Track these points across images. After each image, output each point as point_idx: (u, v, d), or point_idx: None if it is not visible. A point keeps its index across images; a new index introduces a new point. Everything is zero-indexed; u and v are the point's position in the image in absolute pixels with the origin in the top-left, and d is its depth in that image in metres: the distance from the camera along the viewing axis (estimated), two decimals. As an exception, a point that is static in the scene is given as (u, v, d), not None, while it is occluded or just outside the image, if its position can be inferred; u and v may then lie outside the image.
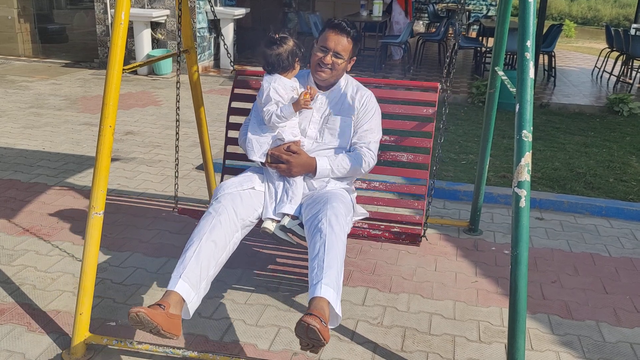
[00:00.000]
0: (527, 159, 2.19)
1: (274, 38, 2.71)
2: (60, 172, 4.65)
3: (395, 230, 2.96)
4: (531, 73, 2.21)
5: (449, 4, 15.16)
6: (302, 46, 2.77)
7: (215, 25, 9.42)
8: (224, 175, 3.33)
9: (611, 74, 9.73)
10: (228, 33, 9.31)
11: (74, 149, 5.26)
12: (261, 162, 2.79)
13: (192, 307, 2.28)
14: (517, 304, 2.22)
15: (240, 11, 9.42)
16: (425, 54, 10.67)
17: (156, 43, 9.02)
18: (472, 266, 3.42)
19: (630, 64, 9.75)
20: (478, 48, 10.09)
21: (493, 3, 15.72)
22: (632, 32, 10.93)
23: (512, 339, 2.26)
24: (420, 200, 3.16)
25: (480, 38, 11.40)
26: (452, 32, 11.88)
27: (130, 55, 8.81)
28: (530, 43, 2.21)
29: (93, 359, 2.47)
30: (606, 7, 25.81)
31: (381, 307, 2.95)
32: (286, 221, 2.67)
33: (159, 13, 8.72)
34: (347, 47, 2.75)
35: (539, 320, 2.90)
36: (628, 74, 9.76)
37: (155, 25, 8.93)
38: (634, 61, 9.66)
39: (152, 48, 8.90)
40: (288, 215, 2.68)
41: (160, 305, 2.15)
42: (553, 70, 9.28)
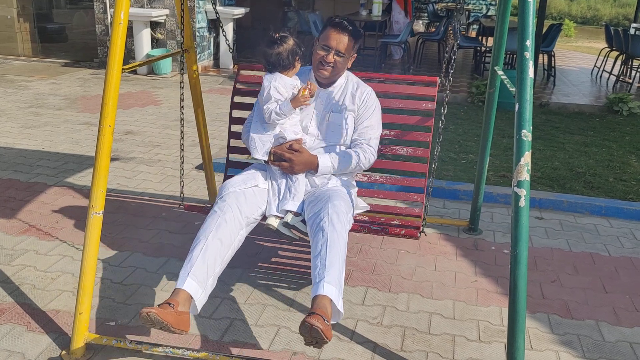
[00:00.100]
0: (527, 159, 2.19)
1: (274, 37, 2.73)
2: (59, 172, 4.64)
3: (395, 223, 2.98)
4: (531, 72, 2.21)
5: (449, 4, 15.16)
6: (302, 45, 2.79)
7: (215, 24, 9.42)
8: (228, 168, 3.36)
9: (611, 74, 9.73)
10: (228, 32, 9.31)
11: (74, 149, 5.26)
12: (264, 160, 2.83)
13: (200, 303, 2.38)
14: (517, 304, 2.22)
15: (239, 10, 9.42)
16: (424, 54, 10.67)
17: (156, 43, 9.01)
18: (472, 266, 3.42)
19: (629, 64, 9.75)
20: (478, 47, 10.09)
21: (493, 2, 15.73)
22: (632, 32, 10.94)
23: (512, 339, 2.26)
24: (419, 193, 3.16)
25: (480, 37, 11.40)
26: (452, 31, 11.88)
27: (129, 54, 8.80)
28: (529, 42, 2.21)
29: (92, 359, 2.47)
30: (606, 7, 25.82)
31: (381, 307, 2.95)
32: (289, 218, 2.72)
33: (159, 12, 8.72)
34: (349, 46, 2.78)
35: (539, 319, 2.90)
36: (627, 74, 9.76)
37: (154, 24, 8.92)
38: (634, 60, 9.66)
39: (152, 48, 8.90)
40: (291, 212, 2.73)
41: (169, 304, 2.24)
42: (553, 69, 9.28)
